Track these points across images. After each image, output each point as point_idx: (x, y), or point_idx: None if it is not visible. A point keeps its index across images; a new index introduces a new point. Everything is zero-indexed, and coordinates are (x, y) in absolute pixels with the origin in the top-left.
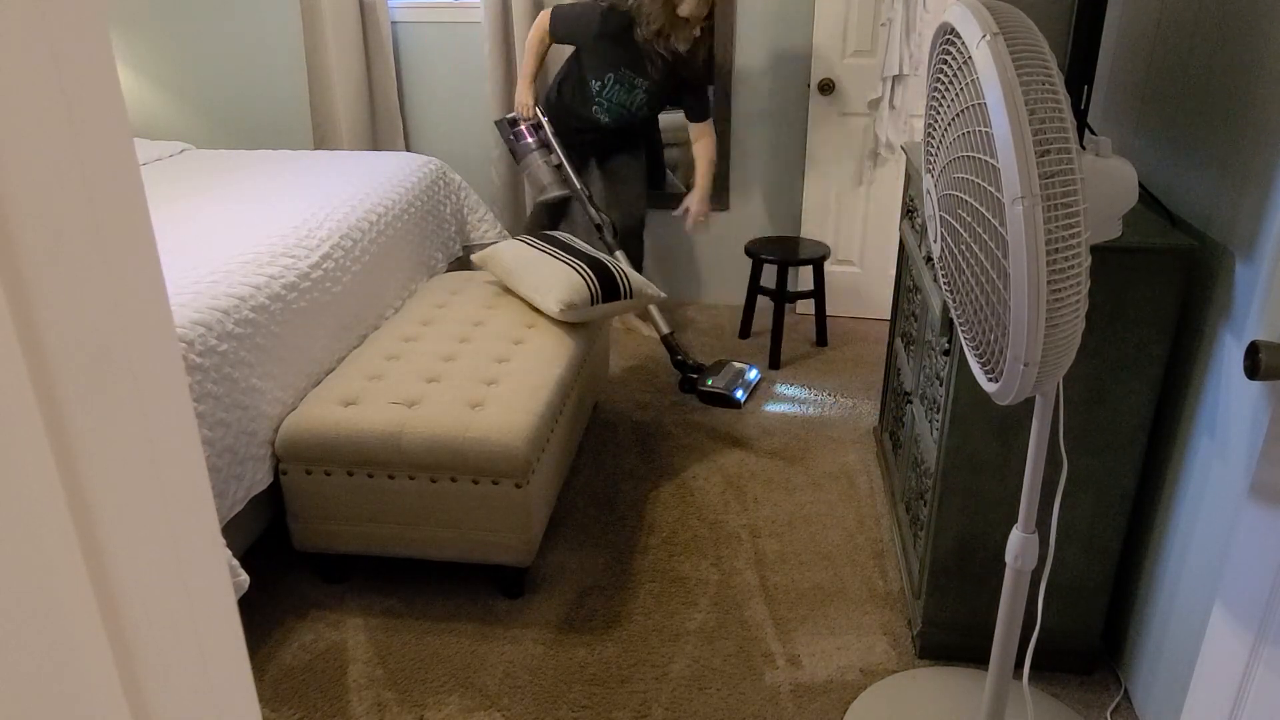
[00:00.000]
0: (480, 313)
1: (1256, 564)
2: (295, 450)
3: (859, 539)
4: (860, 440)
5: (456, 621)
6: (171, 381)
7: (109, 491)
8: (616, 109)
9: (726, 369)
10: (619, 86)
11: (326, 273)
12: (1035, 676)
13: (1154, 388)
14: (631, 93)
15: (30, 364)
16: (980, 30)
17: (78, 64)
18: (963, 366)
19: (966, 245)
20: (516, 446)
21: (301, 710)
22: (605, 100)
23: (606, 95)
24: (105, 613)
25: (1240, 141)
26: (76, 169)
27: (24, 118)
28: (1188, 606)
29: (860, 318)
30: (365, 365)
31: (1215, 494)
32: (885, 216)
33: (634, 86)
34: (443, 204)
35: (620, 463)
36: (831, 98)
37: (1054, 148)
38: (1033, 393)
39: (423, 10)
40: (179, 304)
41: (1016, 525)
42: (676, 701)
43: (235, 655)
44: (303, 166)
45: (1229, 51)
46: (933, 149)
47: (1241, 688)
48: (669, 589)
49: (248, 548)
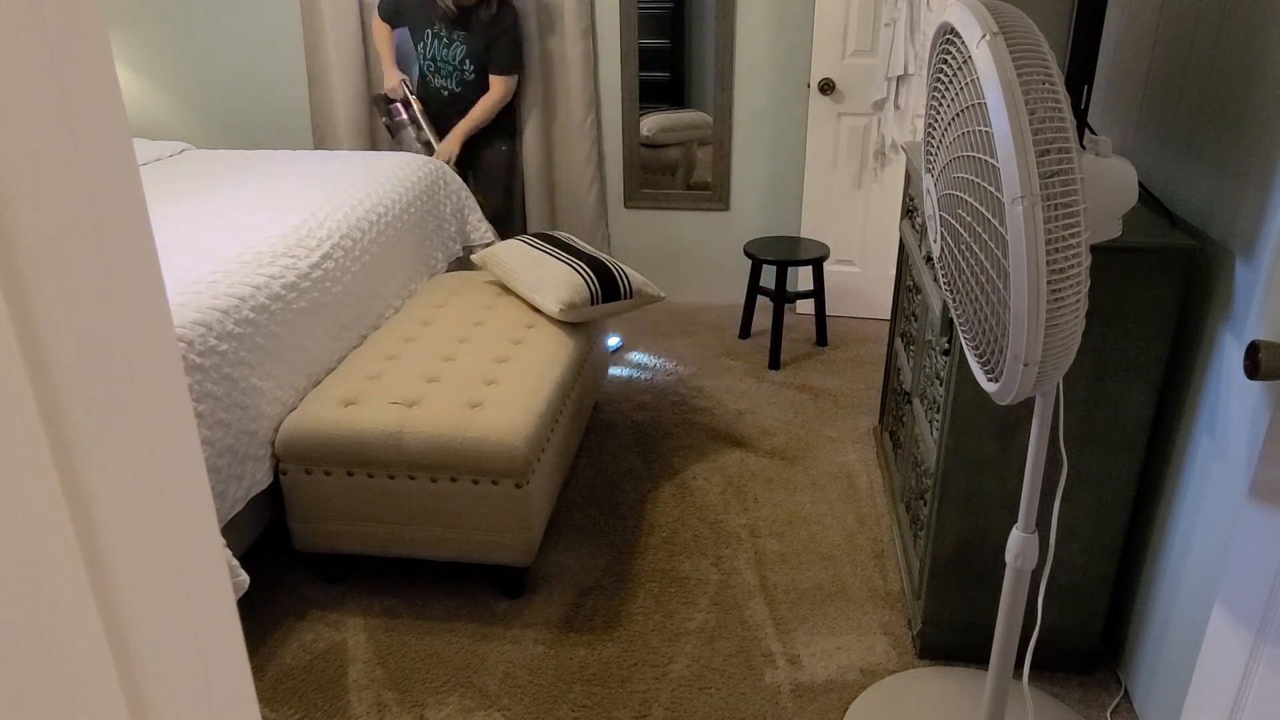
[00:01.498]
0: (480, 313)
1: (1256, 564)
2: (295, 450)
3: (859, 539)
4: (860, 440)
5: (456, 621)
6: (171, 381)
7: (108, 492)
8: (447, 68)
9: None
10: (437, 42)
11: (326, 273)
12: (1035, 676)
13: (1154, 388)
14: (451, 46)
15: (29, 364)
16: (980, 30)
17: (77, 64)
18: (963, 366)
19: (966, 245)
20: (516, 446)
21: (301, 710)
22: (433, 61)
23: (431, 56)
24: (104, 613)
25: (1240, 141)
26: (76, 169)
27: (23, 118)
28: (1188, 606)
29: (860, 318)
30: (365, 365)
31: (1215, 494)
32: (885, 216)
33: (451, 40)
34: (443, 204)
35: (620, 463)
36: (831, 98)
37: (1054, 147)
38: (1033, 393)
39: None
40: (179, 304)
41: (1016, 525)
42: (676, 701)
43: (235, 655)
44: (303, 166)
45: (1229, 51)
46: (933, 149)
47: (1241, 688)
48: (669, 589)
49: (248, 548)
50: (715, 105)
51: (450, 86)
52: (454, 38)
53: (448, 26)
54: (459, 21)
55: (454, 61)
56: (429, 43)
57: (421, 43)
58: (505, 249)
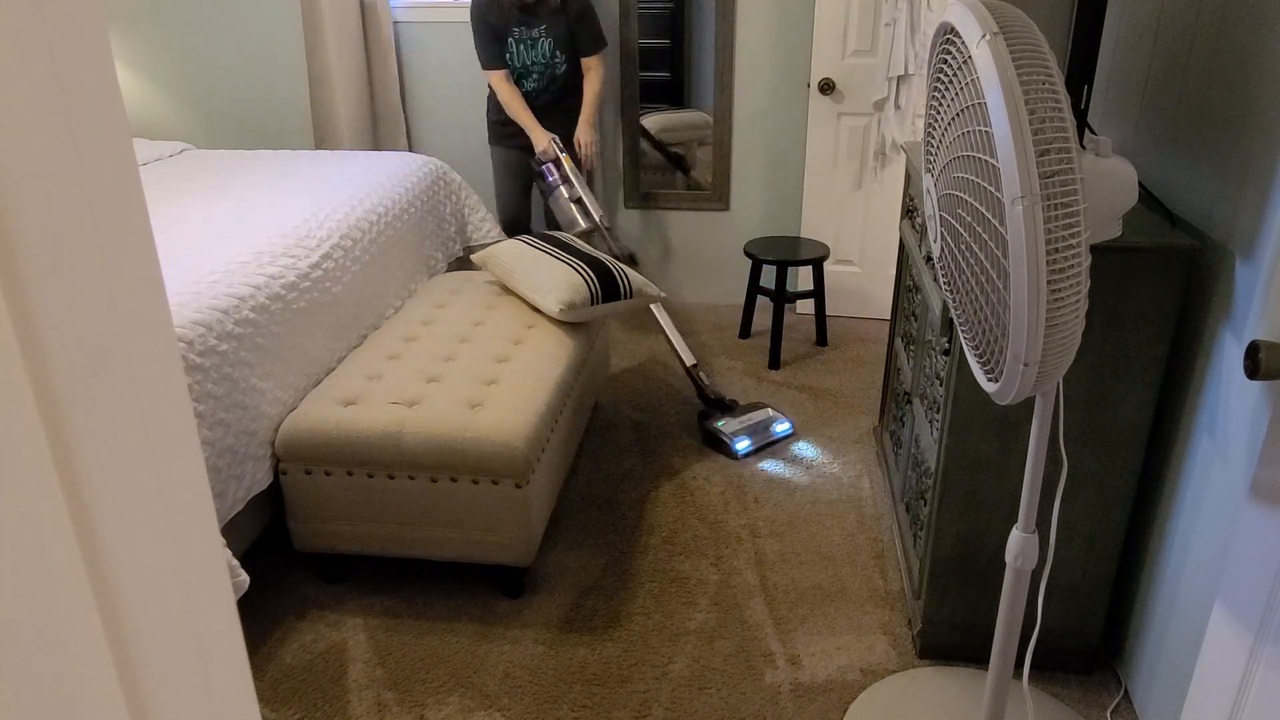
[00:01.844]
0: (480, 313)
1: (1256, 564)
2: (295, 450)
3: (859, 539)
4: (860, 440)
5: (456, 621)
6: (170, 381)
7: (108, 492)
8: (537, 68)
9: (752, 414)
10: (521, 47)
11: (326, 273)
12: (1035, 676)
13: (1154, 388)
14: (537, 45)
15: (29, 364)
16: (980, 30)
17: (77, 64)
18: (963, 366)
19: (966, 245)
20: (516, 446)
21: (301, 710)
22: (523, 65)
23: (521, 60)
24: (104, 613)
25: (1240, 141)
26: (75, 169)
27: (23, 118)
28: (1188, 606)
29: (860, 318)
30: (365, 365)
31: (1215, 494)
32: (885, 216)
33: (535, 38)
34: (443, 204)
35: (620, 463)
36: (831, 98)
37: (1054, 147)
38: (1033, 393)
39: (424, 10)
40: (179, 304)
41: (1016, 525)
42: (676, 701)
43: (235, 655)
44: (303, 166)
45: (1229, 51)
46: (932, 149)
47: (1241, 688)
48: (669, 589)
49: (248, 548)
50: (715, 105)
51: (542, 85)
52: (536, 35)
53: (525, 27)
54: (534, 17)
55: (544, 59)
56: (515, 51)
57: (509, 52)
58: (505, 249)
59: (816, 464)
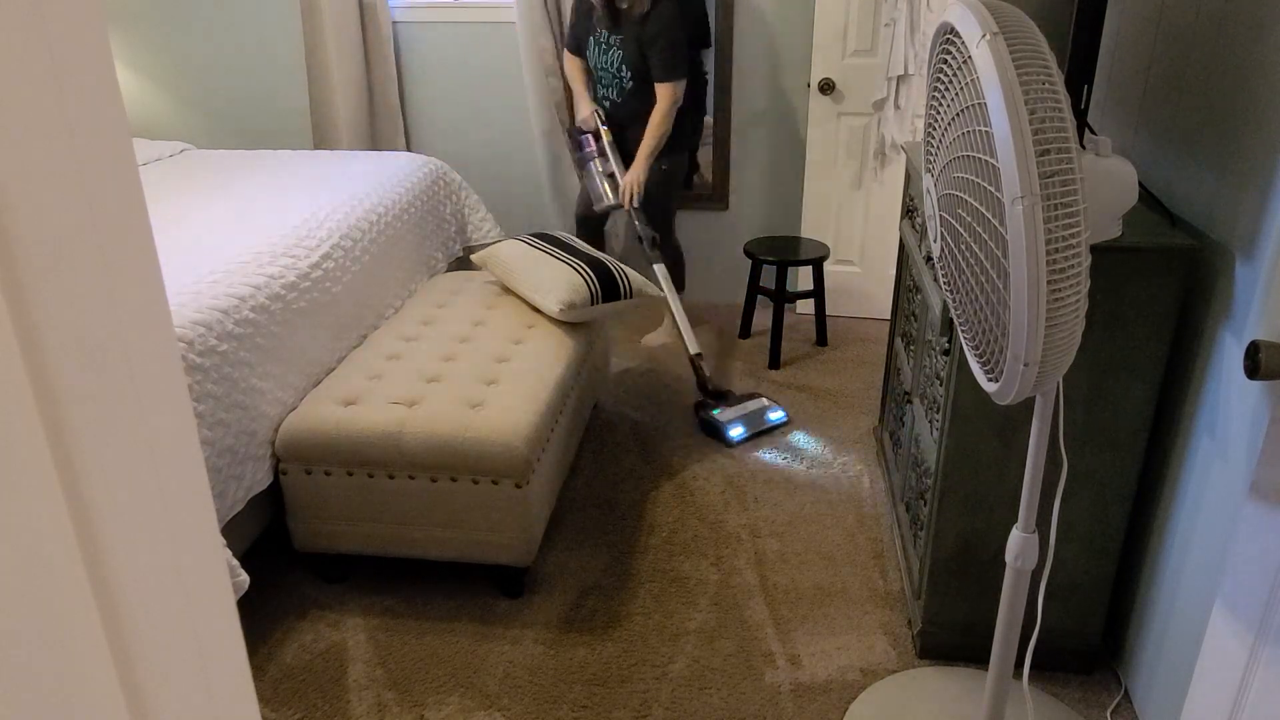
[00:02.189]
0: (480, 313)
1: (1256, 564)
2: (295, 450)
3: (859, 539)
4: (860, 440)
5: (456, 621)
6: (170, 381)
7: (108, 492)
8: (607, 75)
9: (747, 403)
10: (599, 49)
11: (326, 273)
12: (1035, 676)
13: (1154, 387)
14: (609, 52)
15: (28, 364)
16: (980, 30)
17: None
18: (963, 366)
19: (966, 245)
20: (516, 446)
21: (301, 710)
22: (598, 69)
23: (595, 63)
24: (104, 613)
25: (1240, 141)
26: (75, 169)
27: (22, 118)
28: (1188, 606)
29: (860, 318)
30: (365, 365)
31: (1215, 494)
32: (885, 216)
33: (609, 45)
34: (443, 204)
35: (620, 463)
36: (831, 98)
37: (1054, 147)
38: (1033, 393)
39: (424, 10)
40: (179, 304)
41: (1016, 525)
42: (676, 701)
43: (235, 655)
44: (302, 166)
45: (1229, 51)
46: (932, 149)
47: (1241, 688)
48: (669, 589)
49: (248, 548)
50: (715, 105)
51: (611, 96)
52: (610, 42)
53: (605, 31)
54: (616, 24)
55: (611, 69)
56: (592, 51)
57: (589, 51)
58: (505, 249)
59: (816, 464)
